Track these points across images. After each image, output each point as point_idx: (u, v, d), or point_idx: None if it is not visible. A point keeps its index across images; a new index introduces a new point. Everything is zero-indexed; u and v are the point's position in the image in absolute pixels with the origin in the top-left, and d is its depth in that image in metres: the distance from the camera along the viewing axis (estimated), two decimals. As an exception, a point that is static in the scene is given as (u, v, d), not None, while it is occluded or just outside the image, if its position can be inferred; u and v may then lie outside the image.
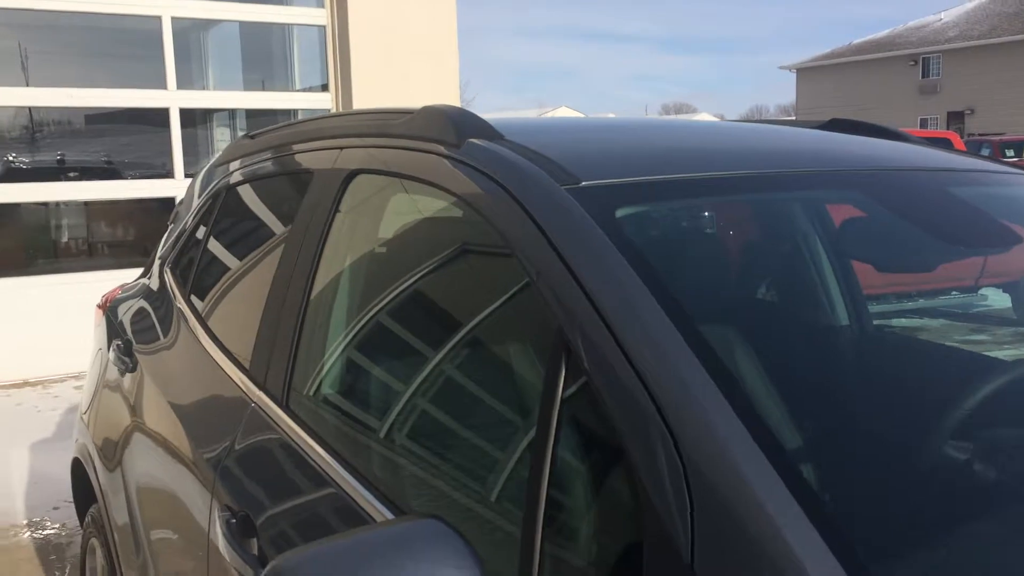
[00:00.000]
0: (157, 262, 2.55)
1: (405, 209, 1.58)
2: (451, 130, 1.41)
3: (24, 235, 6.93)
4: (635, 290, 1.01)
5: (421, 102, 6.21)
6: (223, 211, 2.23)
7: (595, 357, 0.97)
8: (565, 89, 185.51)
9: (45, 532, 3.83)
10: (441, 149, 1.41)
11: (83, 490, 2.63)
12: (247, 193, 2.18)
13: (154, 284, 2.45)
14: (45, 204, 6.89)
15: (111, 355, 2.36)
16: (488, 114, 1.57)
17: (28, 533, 3.83)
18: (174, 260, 2.37)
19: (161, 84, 6.50)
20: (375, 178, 1.62)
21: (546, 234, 1.12)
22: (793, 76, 45.31)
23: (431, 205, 1.48)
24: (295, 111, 7.14)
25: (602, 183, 1.24)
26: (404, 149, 1.52)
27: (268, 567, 0.88)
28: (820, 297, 1.52)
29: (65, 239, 7.24)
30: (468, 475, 1.21)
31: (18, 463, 4.62)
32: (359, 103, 6.83)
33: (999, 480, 1.02)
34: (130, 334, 2.34)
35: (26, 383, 6.06)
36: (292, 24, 7.22)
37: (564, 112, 71.43)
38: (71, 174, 7.02)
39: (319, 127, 1.91)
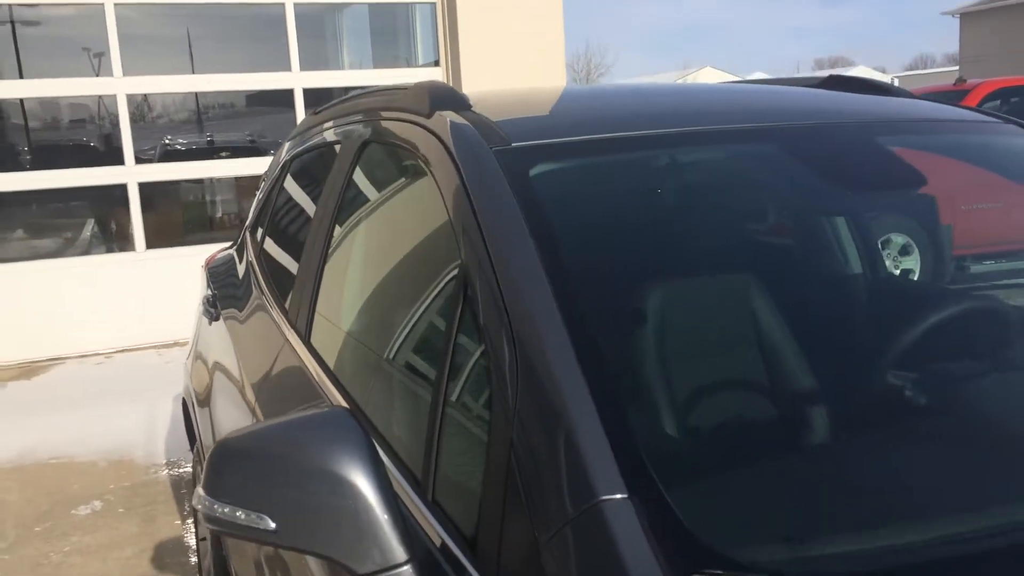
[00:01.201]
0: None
1: (395, 173, 1.83)
2: (426, 103, 1.64)
3: (180, 209, 7.63)
4: (518, 235, 1.22)
5: (525, 74, 6.47)
6: (286, 180, 2.56)
7: (480, 287, 1.20)
8: (713, 48, 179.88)
9: (179, 470, 4.36)
10: (418, 119, 1.65)
11: (190, 426, 3.06)
12: (303, 163, 2.49)
13: (239, 246, 2.82)
14: (200, 181, 7.53)
15: (202, 305, 2.75)
16: (625, 78, 1.77)
17: (166, 471, 4.38)
18: (252, 224, 2.73)
19: (286, 66, 7.00)
20: (378, 147, 1.87)
21: (466, 188, 1.34)
22: (956, 22, 42.53)
23: (411, 168, 1.72)
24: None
25: (528, 144, 1.45)
26: (397, 120, 1.77)
27: (218, 441, 1.16)
28: (689, 242, 1.56)
29: (218, 213, 7.89)
30: (401, 367, 1.48)
31: (163, 412, 5.22)
32: (467, 76, 7.11)
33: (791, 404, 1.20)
34: (216, 288, 2.72)
35: (176, 343, 6.74)
36: (405, 2, 7.57)
37: (708, 73, 69.54)
38: (222, 153, 7.68)
39: (353, 104, 2.19)
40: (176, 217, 7.43)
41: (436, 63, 7.50)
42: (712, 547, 0.89)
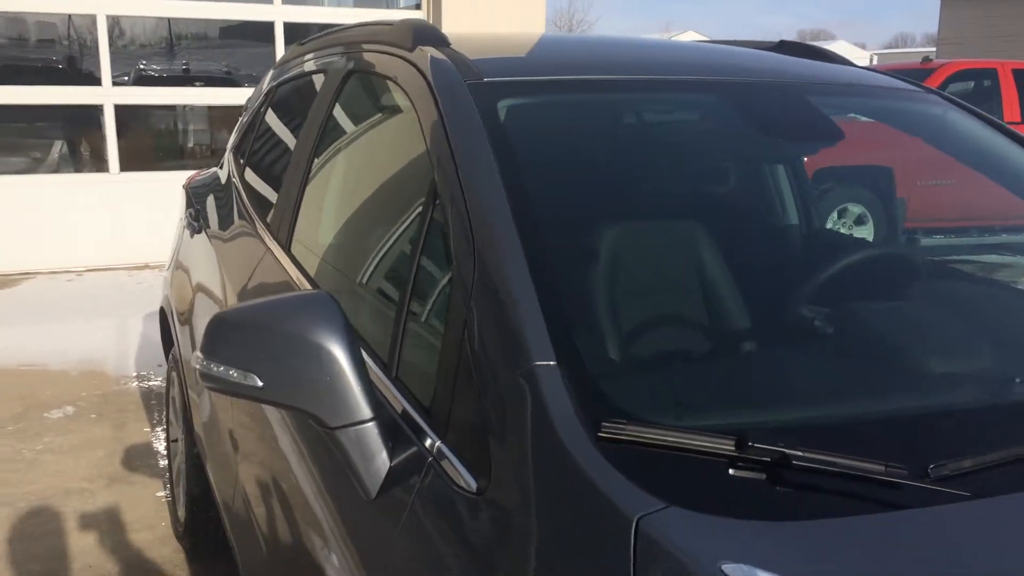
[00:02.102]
0: (227, 150, 3.09)
1: (377, 101, 2.01)
2: (409, 38, 1.82)
3: (154, 135, 7.69)
4: (485, 159, 1.41)
5: (505, 22, 6.60)
6: (270, 106, 2.72)
7: (448, 201, 1.40)
8: (696, 13, 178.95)
9: (149, 383, 4.54)
10: (402, 52, 1.82)
11: (166, 336, 3.24)
12: (288, 90, 2.65)
13: (221, 166, 2.99)
14: (174, 108, 7.58)
15: (184, 220, 2.92)
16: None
17: (136, 383, 4.56)
18: (234, 145, 2.89)
19: (267, -1, 7.06)
20: (361, 76, 2.05)
21: (442, 116, 1.53)
22: (937, 3, 42.67)
23: (391, 97, 1.90)
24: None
25: (498, 80, 1.64)
26: (380, 53, 1.95)
27: (214, 314, 1.35)
28: (630, 169, 1.79)
29: (191, 142, 7.96)
30: (373, 270, 1.68)
31: (133, 330, 5.38)
32: (448, 21, 7.21)
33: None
34: (198, 204, 2.89)
35: (147, 266, 6.87)
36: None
37: (690, 36, 69.46)
38: (197, 82, 7.73)
39: (338, 36, 2.35)
40: (150, 142, 7.48)
41: (417, 6, 7.58)
42: (619, 406, 1.11)
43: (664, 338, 1.40)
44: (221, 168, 3.01)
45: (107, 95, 6.83)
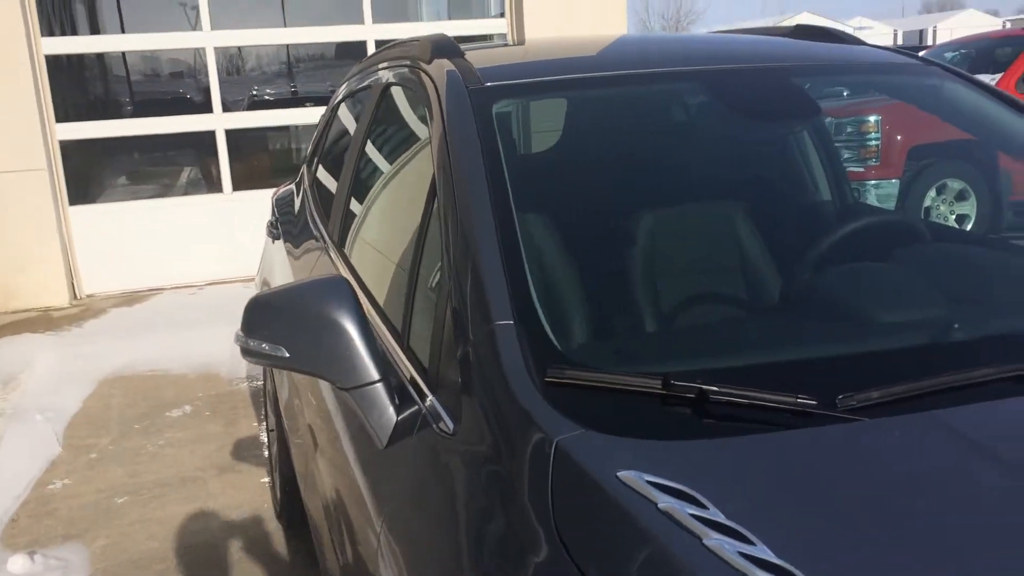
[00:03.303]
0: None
1: (406, 109, 2.24)
2: (428, 52, 2.03)
3: (263, 155, 8.21)
4: (473, 154, 1.61)
5: (587, 25, 6.82)
6: (334, 120, 3.00)
7: (442, 191, 1.61)
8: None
9: (257, 384, 4.93)
10: (423, 65, 2.05)
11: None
12: (347, 105, 2.92)
13: (298, 179, 3.29)
14: (281, 128, 8.06)
15: (267, 229, 3.23)
16: (714, 25, 2.20)
17: (246, 384, 4.96)
18: (308, 158, 3.19)
19: (359, 20, 7.45)
20: (396, 88, 2.28)
21: (443, 117, 1.74)
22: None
23: (415, 104, 2.12)
24: (480, 36, 7.90)
25: (497, 84, 1.83)
26: (409, 67, 2.17)
27: (251, 298, 1.59)
28: (597, 156, 1.94)
29: (296, 159, 8.44)
30: (394, 256, 1.92)
31: (246, 335, 5.81)
32: (530, 26, 7.43)
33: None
34: (279, 213, 3.20)
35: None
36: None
37: (805, 19, 67.54)
38: (307, 103, 8.21)
39: (383, 54, 2.60)
40: (259, 162, 8.00)
41: (501, 15, 7.83)
42: (566, 356, 1.29)
43: (607, 303, 1.60)
44: (297, 181, 3.31)
45: (218, 121, 7.36)
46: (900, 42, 58.47)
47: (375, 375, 1.48)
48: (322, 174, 2.89)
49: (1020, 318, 1.57)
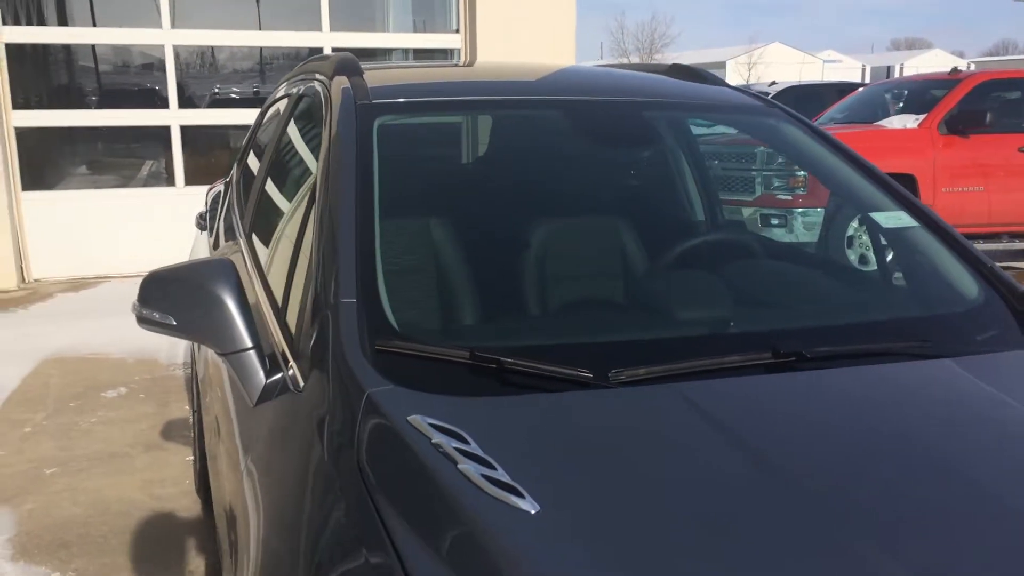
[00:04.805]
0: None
1: (311, 118, 2.51)
2: (331, 68, 2.31)
3: (216, 151, 8.41)
4: (347, 162, 1.88)
5: (536, 44, 7.13)
6: (260, 123, 3.27)
7: (319, 192, 1.88)
8: (783, 24, 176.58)
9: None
10: (326, 80, 2.32)
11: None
12: (271, 112, 3.19)
13: (229, 177, 3.56)
14: (235, 126, 8.27)
15: (195, 220, 3.49)
16: (687, 50, 2.52)
17: (182, 371, 5.17)
18: (238, 158, 3.45)
19: (317, 26, 7.70)
20: (306, 98, 2.56)
21: (330, 129, 2.01)
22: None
23: (318, 115, 2.39)
24: (440, 50, 8.21)
25: (383, 101, 2.11)
26: (318, 80, 2.45)
27: (147, 272, 1.85)
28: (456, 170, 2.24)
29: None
30: (280, 244, 2.19)
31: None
32: (483, 43, 7.74)
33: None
34: (209, 207, 3.46)
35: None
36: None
37: (776, 49, 68.83)
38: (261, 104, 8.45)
39: (304, 67, 2.87)
40: (214, 158, 8.21)
41: (456, 31, 8.13)
42: (397, 330, 1.57)
43: (441, 292, 1.91)
44: (227, 179, 3.58)
45: (174, 116, 7.57)
46: (868, 77, 59.83)
47: (248, 343, 1.75)
48: (246, 171, 3.16)
49: (780, 319, 1.91)
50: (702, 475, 1.27)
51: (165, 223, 7.51)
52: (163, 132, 7.59)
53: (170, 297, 1.79)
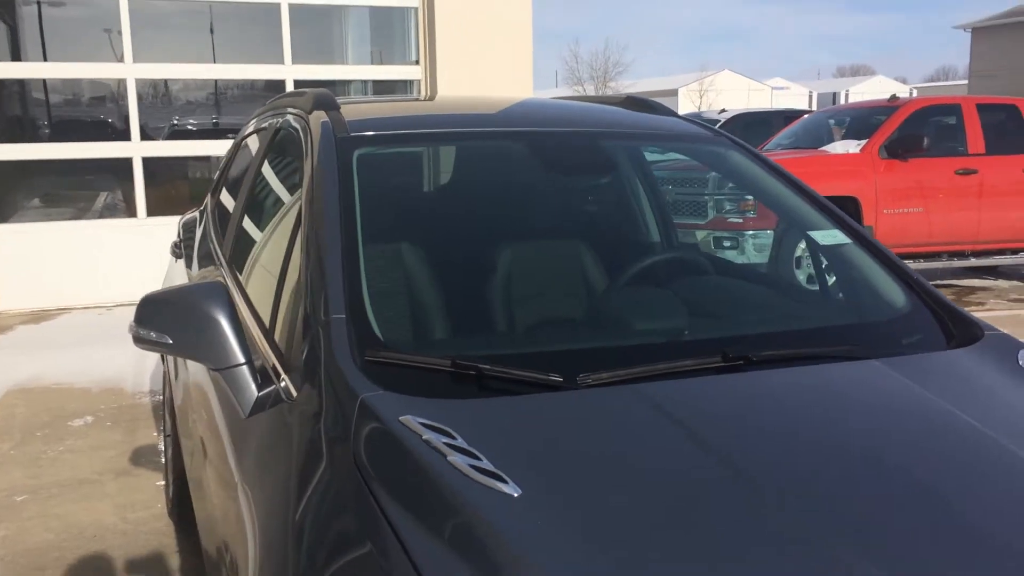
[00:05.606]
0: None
1: (290, 151, 2.65)
2: (309, 103, 2.45)
3: (179, 183, 8.47)
4: (330, 192, 2.02)
5: (495, 74, 7.38)
6: (236, 154, 3.39)
7: (305, 221, 2.02)
8: (733, 51, 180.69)
9: (159, 398, 5.19)
10: (304, 114, 2.46)
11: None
12: (246, 143, 3.32)
13: (203, 206, 3.67)
14: (196, 158, 8.34)
15: (171, 248, 3.59)
16: (641, 78, 2.72)
17: (148, 398, 5.22)
18: (212, 188, 3.57)
19: (279, 59, 7.83)
20: (284, 131, 2.70)
21: (312, 160, 2.15)
22: (969, 36, 42.87)
23: (297, 148, 2.53)
24: (397, 81, 8.38)
25: (361, 134, 2.26)
26: (295, 115, 2.59)
27: (143, 295, 1.96)
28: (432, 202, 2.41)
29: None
30: (266, 270, 2.32)
31: (152, 356, 6.04)
32: (442, 74, 7.93)
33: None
34: (183, 235, 3.57)
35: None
36: (390, 7, 8.37)
37: (726, 76, 70.32)
38: (228, 135, 8.53)
39: (277, 101, 3.01)
40: (175, 189, 8.27)
41: (416, 62, 8.32)
42: (384, 341, 1.71)
43: (423, 309, 2.07)
44: (201, 209, 3.69)
45: (135, 149, 7.63)
46: (815, 103, 61.45)
47: (241, 359, 1.87)
48: (221, 201, 3.27)
49: (729, 327, 2.10)
50: (663, 462, 1.43)
51: (127, 254, 7.54)
52: (123, 164, 7.63)
53: (166, 317, 1.90)
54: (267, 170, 2.76)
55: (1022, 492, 1.43)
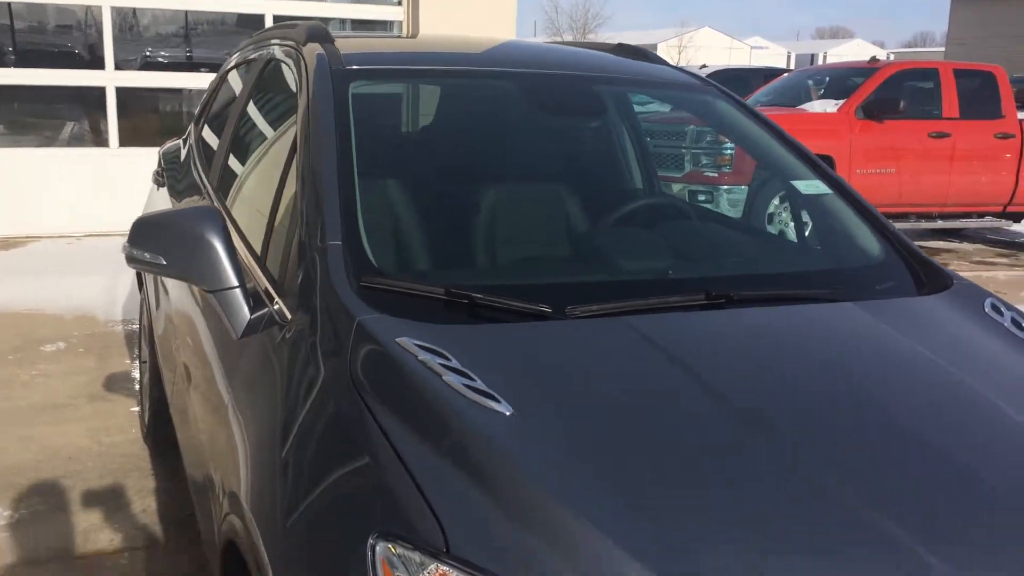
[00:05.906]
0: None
1: (283, 82, 2.65)
2: (304, 36, 2.45)
3: (151, 114, 8.35)
4: (326, 118, 2.04)
5: (478, 18, 7.34)
6: (222, 86, 3.37)
7: (300, 148, 2.04)
8: (713, 9, 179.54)
9: (133, 326, 5.19)
10: (299, 47, 2.46)
11: (139, 274, 3.90)
12: (234, 74, 3.30)
13: (185, 135, 3.65)
14: (169, 90, 8.22)
15: (152, 178, 3.58)
16: (620, 31, 2.72)
17: (121, 327, 5.22)
18: (196, 117, 3.55)
19: (258, -8, 7.70)
20: (276, 63, 2.69)
21: (309, 92, 2.16)
22: (948, 2, 42.86)
23: (291, 79, 2.53)
24: (377, 21, 8.28)
25: (356, 67, 2.27)
26: (288, 47, 2.58)
27: (136, 218, 1.98)
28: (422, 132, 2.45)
29: (185, 120, 8.60)
30: (258, 196, 2.34)
31: (123, 285, 6.03)
32: (425, 15, 7.84)
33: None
34: (165, 164, 3.55)
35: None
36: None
37: (706, 33, 69.99)
38: (202, 69, 8.38)
39: (268, 33, 2.99)
40: (148, 121, 8.16)
41: (398, 2, 8.21)
42: (378, 268, 1.76)
43: (417, 237, 2.11)
44: (184, 137, 3.67)
45: (110, 78, 7.49)
46: (793, 64, 61.47)
47: (234, 281, 1.90)
48: (207, 131, 3.26)
49: (712, 268, 2.19)
50: (647, 386, 1.51)
51: (98, 184, 7.45)
52: (96, 93, 7.50)
53: (160, 239, 1.92)
54: (256, 101, 2.76)
55: (982, 422, 1.55)
